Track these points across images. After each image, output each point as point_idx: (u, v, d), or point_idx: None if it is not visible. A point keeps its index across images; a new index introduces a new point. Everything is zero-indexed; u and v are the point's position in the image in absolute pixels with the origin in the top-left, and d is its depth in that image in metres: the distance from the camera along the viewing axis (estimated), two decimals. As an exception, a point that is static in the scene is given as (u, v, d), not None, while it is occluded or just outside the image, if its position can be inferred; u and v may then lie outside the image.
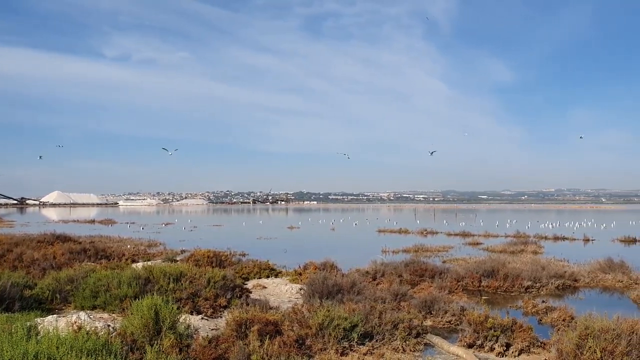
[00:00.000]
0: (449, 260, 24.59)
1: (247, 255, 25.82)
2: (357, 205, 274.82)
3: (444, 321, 12.19)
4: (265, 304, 12.28)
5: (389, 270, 18.75)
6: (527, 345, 9.71)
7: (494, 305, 14.58)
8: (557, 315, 12.39)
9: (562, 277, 18.25)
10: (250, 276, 18.58)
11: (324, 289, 13.10)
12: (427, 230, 47.35)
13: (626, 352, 7.81)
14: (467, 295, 16.18)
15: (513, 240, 35.20)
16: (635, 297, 15.74)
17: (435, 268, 18.81)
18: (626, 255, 23.92)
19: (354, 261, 22.00)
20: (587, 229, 50.47)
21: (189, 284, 13.12)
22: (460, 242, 37.05)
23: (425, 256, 26.45)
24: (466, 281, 17.68)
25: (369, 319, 10.33)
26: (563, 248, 32.30)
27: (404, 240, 37.77)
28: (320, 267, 18.78)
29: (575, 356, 8.06)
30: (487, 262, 19.34)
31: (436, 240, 38.75)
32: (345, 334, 9.68)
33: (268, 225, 65.50)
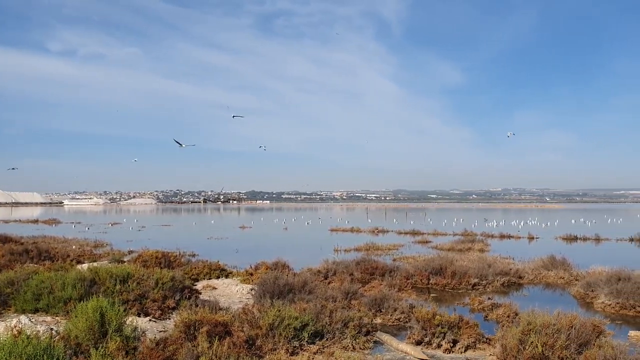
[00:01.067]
0: (399, 259, 24.96)
1: (197, 256, 25.51)
2: (310, 204, 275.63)
3: (393, 319, 12.37)
4: (215, 305, 12.15)
5: (341, 269, 18.87)
6: (473, 342, 9.97)
7: (442, 303, 14.91)
8: (502, 312, 12.76)
9: (507, 274, 18.80)
10: (200, 277, 18.34)
11: (275, 288, 13.07)
12: (379, 229, 47.90)
13: (565, 346, 8.14)
14: (416, 292, 16.47)
15: (461, 238, 36.03)
16: (575, 293, 16.38)
17: (386, 266, 19.04)
18: (568, 252, 24.81)
19: (306, 260, 22.04)
20: (531, 227, 52.24)
21: (137, 285, 12.84)
22: (410, 240, 37.65)
23: (377, 254, 26.73)
24: (415, 279, 17.99)
25: (319, 318, 10.38)
26: (509, 246, 33.31)
27: (356, 239, 38.08)
28: (272, 267, 18.72)
29: (518, 351, 8.33)
30: (436, 260, 19.73)
31: (387, 238, 39.26)
32: (295, 334, 9.69)
33: (219, 225, 64.80)
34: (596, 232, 41.04)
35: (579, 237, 39.51)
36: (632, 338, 10.87)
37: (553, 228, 52.31)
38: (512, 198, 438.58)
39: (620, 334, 11.31)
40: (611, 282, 15.23)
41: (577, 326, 8.57)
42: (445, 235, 41.99)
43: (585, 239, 38.79)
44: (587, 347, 8.28)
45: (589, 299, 15.42)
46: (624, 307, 13.96)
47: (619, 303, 14.12)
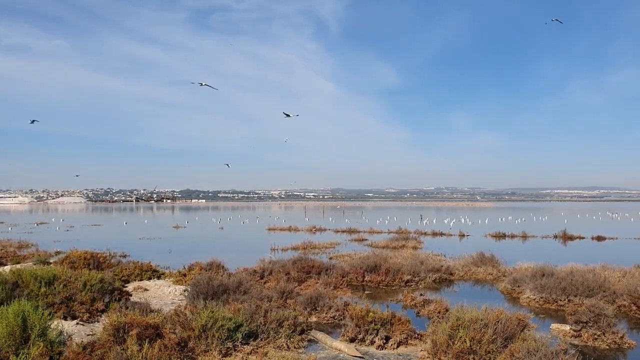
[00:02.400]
0: (335, 257, 25.17)
1: (128, 257, 24.78)
2: (247, 203, 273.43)
3: (328, 317, 12.43)
4: (146, 306, 11.85)
5: (277, 268, 18.80)
6: (405, 338, 10.16)
7: (376, 300, 15.13)
8: (434, 308, 13.09)
9: (439, 271, 19.32)
10: (131, 278, 17.82)
11: (209, 289, 12.87)
12: (316, 228, 48.13)
13: (492, 340, 8.43)
14: (351, 290, 16.64)
15: (395, 236, 36.76)
16: (503, 289, 17.02)
17: (322, 265, 19.14)
18: (496, 249, 25.76)
19: (242, 260, 21.83)
20: (462, 225, 53.91)
21: (63, 287, 12.33)
22: (347, 238, 38.06)
23: (314, 253, 26.85)
24: (351, 276, 18.18)
25: (254, 318, 10.30)
26: (441, 243, 34.23)
27: (293, 237, 38.09)
28: (206, 267, 18.44)
29: (448, 346, 8.56)
30: (371, 257, 20.01)
31: (324, 237, 39.48)
32: (229, 335, 9.57)
33: (152, 225, 63.18)
34: (523, 230, 42.91)
35: (507, 234, 41.19)
36: (554, 330, 11.40)
37: (483, 226, 54.22)
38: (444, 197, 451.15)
39: (544, 327, 11.82)
40: (536, 278, 15.93)
41: (503, 321, 8.89)
42: (380, 233, 42.67)
43: (512, 237, 40.44)
44: (512, 340, 8.61)
45: (515, 294, 16.05)
46: (547, 302, 14.63)
47: (542, 297, 14.78)
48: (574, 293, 14.43)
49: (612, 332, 10.48)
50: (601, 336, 10.44)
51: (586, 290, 14.43)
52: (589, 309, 10.93)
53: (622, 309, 13.61)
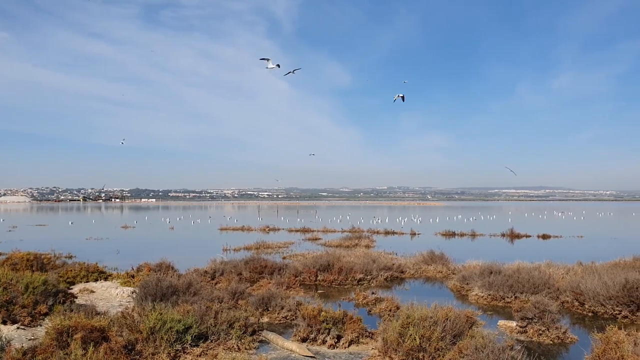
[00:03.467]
0: (289, 256, 25.09)
1: (75, 258, 24.00)
2: (199, 202, 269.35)
3: (280, 317, 12.35)
4: (92, 309, 11.49)
5: (229, 268, 18.60)
6: (356, 336, 10.19)
7: (329, 299, 15.15)
8: (385, 306, 13.20)
9: (390, 269, 19.51)
10: (76, 280, 17.24)
11: (158, 291, 12.58)
12: (270, 227, 47.88)
13: (441, 338, 8.54)
14: (304, 289, 16.61)
15: (349, 235, 36.93)
16: (452, 286, 17.34)
17: (275, 264, 19.05)
18: (446, 247, 26.28)
19: (193, 261, 21.49)
20: (414, 224, 54.75)
21: (3, 290, 11.84)
22: (301, 238, 38.02)
23: (267, 253, 26.67)
24: (304, 276, 18.14)
25: (204, 320, 10.13)
26: (393, 242, 34.65)
27: (246, 237, 37.77)
28: (156, 268, 18.06)
29: (398, 344, 8.62)
30: (324, 256, 20.02)
31: (278, 236, 39.32)
32: (178, 337, 9.37)
33: (100, 225, 61.39)
34: (472, 229, 43.94)
35: (456, 233, 42.08)
36: (501, 327, 11.67)
37: (434, 224, 55.21)
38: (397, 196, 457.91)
39: (491, 323, 12.11)
40: (484, 276, 16.30)
41: (452, 318, 9.03)
42: (334, 232, 42.83)
43: (462, 235, 41.33)
44: (460, 337, 8.75)
45: (464, 292, 16.37)
46: (494, 299, 14.98)
47: (490, 295, 15.13)
48: (521, 290, 14.84)
49: (555, 328, 10.80)
50: (545, 332, 10.75)
51: (532, 287, 14.86)
52: (534, 305, 11.24)
53: (566, 305, 14.07)
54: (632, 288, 12.87)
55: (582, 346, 9.67)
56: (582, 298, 13.81)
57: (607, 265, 18.87)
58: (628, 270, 16.37)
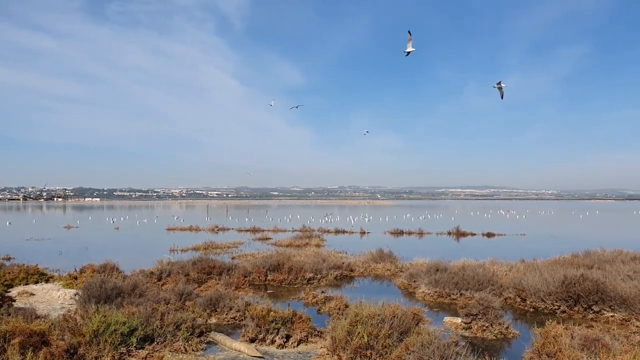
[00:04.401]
0: (238, 257, 24.87)
1: (14, 259, 23.04)
2: (146, 202, 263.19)
3: (228, 317, 12.23)
4: (31, 312, 11.06)
5: (176, 269, 18.27)
6: (305, 335, 10.20)
7: (278, 298, 15.10)
8: (334, 305, 13.26)
9: (340, 268, 19.64)
10: (15, 282, 16.56)
11: (102, 292, 12.24)
12: (219, 227, 47.37)
13: (388, 335, 8.65)
14: (253, 290, 16.49)
15: (299, 234, 36.93)
16: (400, 284, 17.60)
17: (224, 265, 18.84)
18: (394, 246, 26.68)
19: (139, 262, 21.02)
20: (364, 222, 55.30)
21: None
22: (251, 237, 37.75)
23: (215, 253, 26.36)
24: (253, 276, 18.03)
25: (150, 322, 9.91)
26: (343, 241, 34.85)
27: (194, 237, 37.22)
28: (100, 269, 17.57)
29: (346, 342, 8.68)
30: (274, 256, 19.96)
31: (227, 236, 38.92)
32: (123, 339, 9.14)
33: (41, 225, 59.11)
34: (420, 227, 44.73)
35: (404, 231, 42.71)
36: (447, 323, 11.93)
37: (383, 223, 55.91)
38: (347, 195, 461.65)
39: (437, 320, 12.36)
40: (430, 273, 16.62)
41: (399, 315, 9.16)
42: (285, 231, 42.75)
43: (410, 233, 42.02)
44: (408, 334, 8.88)
45: (411, 289, 16.65)
46: (441, 296, 15.30)
47: (436, 292, 15.44)
48: (466, 287, 15.21)
49: (498, 324, 11.12)
50: (489, 327, 11.06)
51: (476, 284, 15.26)
52: (478, 302, 11.54)
53: (508, 301, 14.52)
54: (570, 284, 13.39)
55: (523, 341, 9.99)
56: (524, 294, 14.28)
57: (548, 262, 19.57)
58: (567, 267, 17.07)
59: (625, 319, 12.12)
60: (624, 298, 12.59)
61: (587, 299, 12.98)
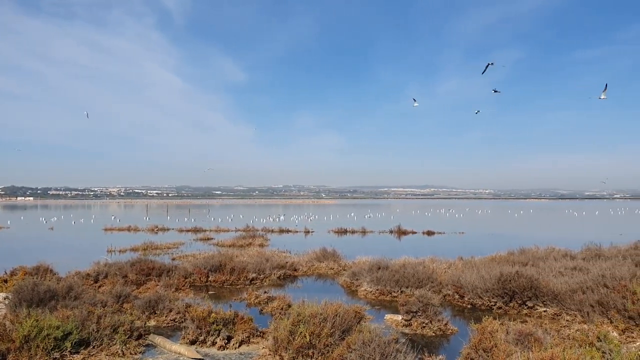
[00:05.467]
0: (178, 257, 24.39)
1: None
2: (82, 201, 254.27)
3: (168, 320, 11.97)
4: (-45, 319, 10.45)
5: (114, 271, 17.73)
6: (247, 336, 10.11)
7: (220, 299, 14.92)
8: (277, 304, 13.22)
9: (283, 268, 19.60)
10: (-62, 287, 15.64)
11: (35, 296, 11.73)
12: (158, 227, 46.33)
13: (330, 334, 8.70)
14: (194, 291, 16.22)
15: (242, 234, 36.62)
16: (342, 282, 17.73)
17: (163, 266, 18.43)
18: (338, 244, 26.87)
19: (74, 263, 20.30)
20: (308, 222, 55.44)
21: None
22: (192, 238, 37.10)
23: (155, 254, 25.79)
24: (194, 277, 17.73)
25: (85, 325, 9.58)
26: (287, 240, 34.80)
27: (133, 238, 36.25)
28: (32, 272, 16.82)
29: (288, 342, 8.66)
30: (216, 257, 19.70)
31: (167, 237, 38.11)
32: (57, 344, 8.80)
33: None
34: (363, 226, 45.28)
35: (348, 230, 43.11)
36: (388, 321, 12.12)
37: (328, 222, 56.22)
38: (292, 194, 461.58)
39: (379, 317, 12.53)
40: (372, 271, 16.84)
41: (341, 314, 9.22)
42: (227, 231, 42.28)
43: (353, 232, 42.45)
44: (349, 332, 8.96)
45: (354, 287, 16.81)
46: (382, 293, 15.52)
47: (378, 290, 15.66)
48: (406, 284, 15.49)
49: (438, 320, 11.40)
50: (429, 324, 11.31)
51: (417, 281, 15.57)
52: (418, 299, 11.78)
53: (447, 298, 14.89)
54: (506, 281, 13.87)
55: (461, 337, 10.26)
56: (462, 291, 14.68)
57: (485, 259, 20.20)
58: (503, 264, 17.67)
59: (556, 313, 12.66)
60: (555, 294, 13.16)
61: (521, 295, 13.48)
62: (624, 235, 34.93)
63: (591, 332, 9.29)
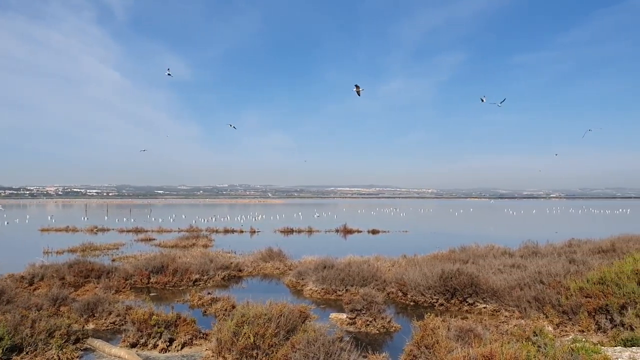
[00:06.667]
0: (119, 258, 23.71)
1: None
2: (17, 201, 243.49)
3: (108, 323, 11.61)
4: None
5: (50, 273, 17.03)
6: (190, 338, 9.92)
7: (162, 301, 14.59)
8: (221, 306, 13.03)
9: (228, 268, 19.35)
10: None
11: (-38, 300, 11.13)
12: (98, 228, 44.86)
13: (275, 334, 8.64)
14: (135, 293, 15.81)
15: (185, 234, 35.99)
16: (288, 282, 17.69)
17: (103, 267, 17.86)
18: (284, 244, 26.78)
19: (8, 266, 19.51)
20: (254, 222, 55.05)
21: None
22: (133, 238, 36.13)
23: (94, 255, 24.99)
24: (135, 279, 17.28)
25: (18, 330, 9.16)
26: (232, 240, 34.43)
27: (71, 239, 34.97)
28: (-39, 275, 15.97)
29: (232, 343, 8.56)
30: (158, 257, 19.26)
31: (108, 237, 36.99)
32: (-14, 351, 8.36)
33: None
34: (309, 225, 45.36)
35: (294, 229, 43.08)
36: (333, 319, 12.18)
37: (274, 222, 56.00)
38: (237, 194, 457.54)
39: (324, 316, 12.57)
40: (318, 270, 16.89)
41: (286, 314, 9.18)
42: (170, 232, 41.40)
43: (300, 231, 42.46)
44: (294, 332, 8.93)
45: (299, 287, 16.81)
46: (327, 292, 15.58)
47: (323, 289, 15.71)
48: (351, 283, 15.62)
49: (381, 318, 11.53)
50: (372, 322, 11.43)
51: (361, 280, 15.72)
52: (362, 297, 11.89)
53: (391, 296, 15.11)
54: (447, 278, 14.20)
55: (404, 334, 10.42)
56: (405, 288, 14.92)
57: (427, 257, 20.63)
58: (444, 262, 18.08)
59: (495, 309, 13.06)
60: (494, 290, 13.57)
61: (462, 291, 13.83)
62: (559, 234, 36.47)
63: (528, 327, 9.64)
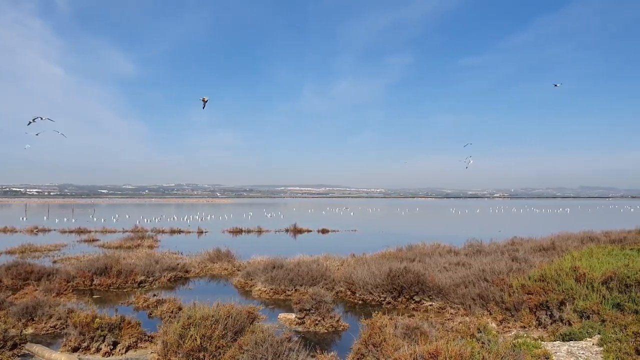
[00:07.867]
0: (60, 260, 22.93)
1: None
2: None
3: (48, 327, 11.20)
4: None
5: (-15, 276, 16.30)
6: (135, 341, 9.68)
7: (106, 304, 14.19)
8: (166, 308, 12.77)
9: (174, 270, 19.00)
10: None
11: None
12: (38, 228, 43.27)
13: (222, 336, 8.53)
14: (77, 295, 15.31)
15: (130, 235, 35.15)
16: (236, 283, 17.52)
17: (44, 269, 17.22)
18: (233, 244, 26.50)
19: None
20: (202, 222, 54.25)
21: None
22: (76, 239, 34.97)
23: (34, 257, 24.08)
24: (77, 281, 16.75)
25: (-51, 337, 8.70)
26: (179, 241, 33.83)
27: (9, 240, 33.53)
28: None
29: (178, 346, 8.39)
30: (101, 259, 18.71)
31: (49, 238, 35.67)
32: None
33: None
34: (258, 225, 45.08)
35: (243, 229, 42.72)
36: (281, 320, 12.13)
37: (223, 222, 55.36)
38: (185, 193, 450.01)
39: (273, 317, 12.51)
40: (267, 270, 16.81)
41: (234, 315, 9.08)
42: (114, 232, 40.32)
43: (249, 232, 42.15)
44: (242, 333, 8.83)
45: (248, 287, 16.68)
46: (276, 292, 15.53)
47: (272, 289, 15.64)
48: (300, 283, 15.61)
49: (330, 317, 11.58)
50: (321, 321, 11.46)
51: (310, 279, 15.74)
52: (311, 297, 11.90)
53: (340, 295, 15.19)
54: (394, 276, 14.40)
55: (352, 332, 10.49)
56: (354, 287, 15.04)
57: (376, 256, 20.85)
58: (392, 260, 18.33)
59: (441, 307, 13.33)
60: (440, 288, 13.85)
61: (409, 290, 14.05)
62: (503, 232, 37.60)
63: (472, 324, 9.88)
